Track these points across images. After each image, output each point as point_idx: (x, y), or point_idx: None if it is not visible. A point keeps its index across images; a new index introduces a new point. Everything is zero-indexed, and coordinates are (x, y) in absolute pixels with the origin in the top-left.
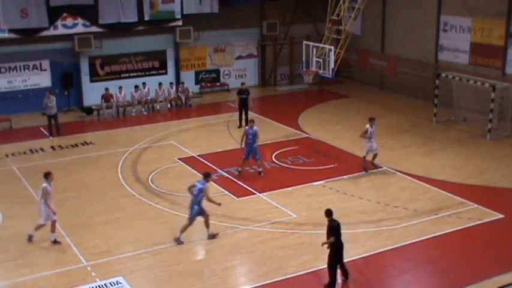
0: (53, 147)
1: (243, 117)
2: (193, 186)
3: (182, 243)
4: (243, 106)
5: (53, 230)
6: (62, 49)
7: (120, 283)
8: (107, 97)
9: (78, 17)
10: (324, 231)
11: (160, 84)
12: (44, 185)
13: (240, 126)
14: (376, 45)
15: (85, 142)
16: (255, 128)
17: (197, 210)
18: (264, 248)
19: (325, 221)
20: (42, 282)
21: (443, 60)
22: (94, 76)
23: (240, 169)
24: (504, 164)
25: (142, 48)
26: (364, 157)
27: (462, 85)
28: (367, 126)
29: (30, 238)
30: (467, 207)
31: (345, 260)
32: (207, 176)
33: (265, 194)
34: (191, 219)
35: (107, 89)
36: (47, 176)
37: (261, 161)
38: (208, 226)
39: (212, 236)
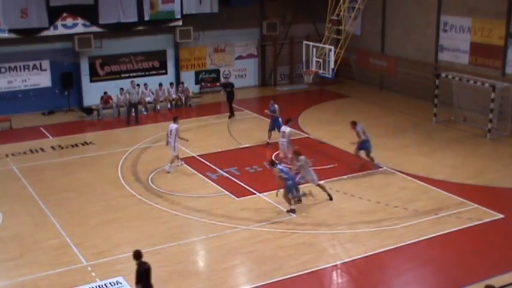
0: (53, 147)
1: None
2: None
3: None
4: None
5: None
6: (62, 49)
7: (120, 283)
8: (106, 100)
9: (78, 17)
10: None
11: (160, 84)
12: None
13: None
14: (376, 45)
15: (85, 142)
16: (275, 105)
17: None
18: (264, 248)
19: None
20: (42, 282)
21: (443, 60)
22: (94, 76)
23: (269, 140)
24: (504, 164)
25: (142, 48)
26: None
27: (462, 85)
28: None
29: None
30: (467, 207)
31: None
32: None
33: (265, 194)
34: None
35: (105, 92)
36: None
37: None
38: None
39: None
